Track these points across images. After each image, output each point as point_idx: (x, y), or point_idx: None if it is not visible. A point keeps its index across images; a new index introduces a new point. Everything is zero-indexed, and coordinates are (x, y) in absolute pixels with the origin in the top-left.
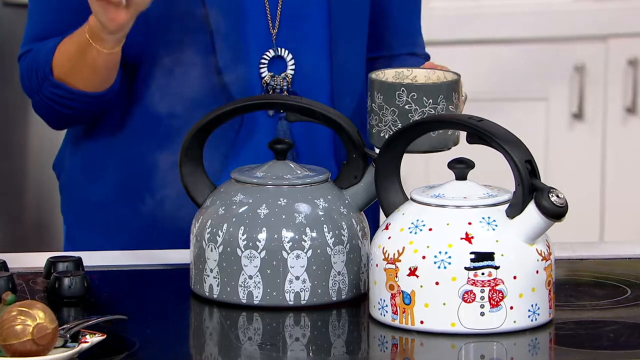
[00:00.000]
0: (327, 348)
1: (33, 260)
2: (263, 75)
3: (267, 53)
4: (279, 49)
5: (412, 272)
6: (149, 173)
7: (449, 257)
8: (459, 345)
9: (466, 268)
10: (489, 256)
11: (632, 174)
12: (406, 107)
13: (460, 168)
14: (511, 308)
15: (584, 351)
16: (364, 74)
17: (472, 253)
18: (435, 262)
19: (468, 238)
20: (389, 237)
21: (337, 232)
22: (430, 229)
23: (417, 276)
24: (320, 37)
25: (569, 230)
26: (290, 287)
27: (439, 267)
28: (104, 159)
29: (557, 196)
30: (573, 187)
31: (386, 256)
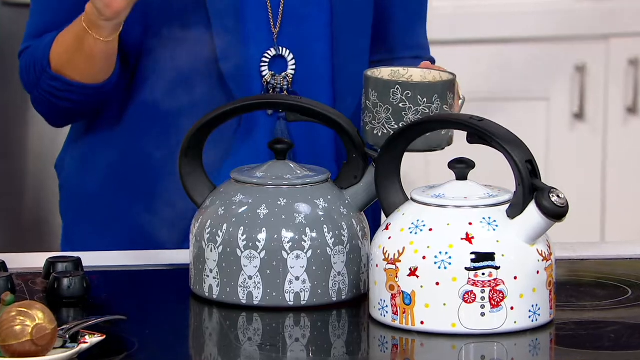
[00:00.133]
0: (327, 349)
1: (32, 260)
2: (264, 74)
3: (268, 52)
4: (280, 48)
5: (413, 273)
6: (146, 167)
7: (450, 258)
8: (460, 345)
9: (467, 268)
10: (490, 256)
11: (633, 174)
12: (400, 105)
13: (460, 168)
14: (512, 308)
15: (585, 352)
16: None
17: (473, 253)
18: (435, 263)
19: (468, 238)
20: (389, 238)
21: (337, 233)
22: (430, 229)
23: (418, 276)
24: (321, 37)
25: (570, 230)
26: (290, 288)
27: (440, 268)
28: (102, 153)
29: (558, 196)
30: (574, 187)
31: (386, 256)
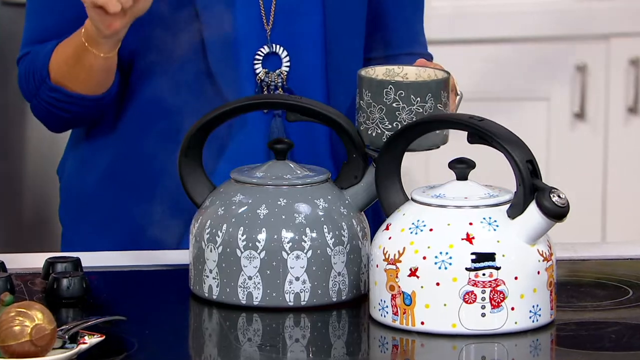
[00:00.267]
0: (327, 349)
1: (31, 260)
2: (257, 71)
3: (262, 49)
4: (274, 46)
5: (413, 273)
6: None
7: (450, 258)
8: (460, 346)
9: (467, 269)
10: (490, 257)
11: (634, 174)
12: (394, 105)
13: (461, 168)
14: (512, 309)
15: (586, 352)
16: None
17: (473, 253)
18: (435, 263)
19: (469, 238)
20: (390, 238)
21: (337, 233)
22: (430, 230)
23: (418, 277)
24: (315, 34)
25: (571, 230)
26: (290, 288)
27: (440, 268)
28: (102, 153)
29: (559, 196)
30: (575, 187)
31: (386, 257)
